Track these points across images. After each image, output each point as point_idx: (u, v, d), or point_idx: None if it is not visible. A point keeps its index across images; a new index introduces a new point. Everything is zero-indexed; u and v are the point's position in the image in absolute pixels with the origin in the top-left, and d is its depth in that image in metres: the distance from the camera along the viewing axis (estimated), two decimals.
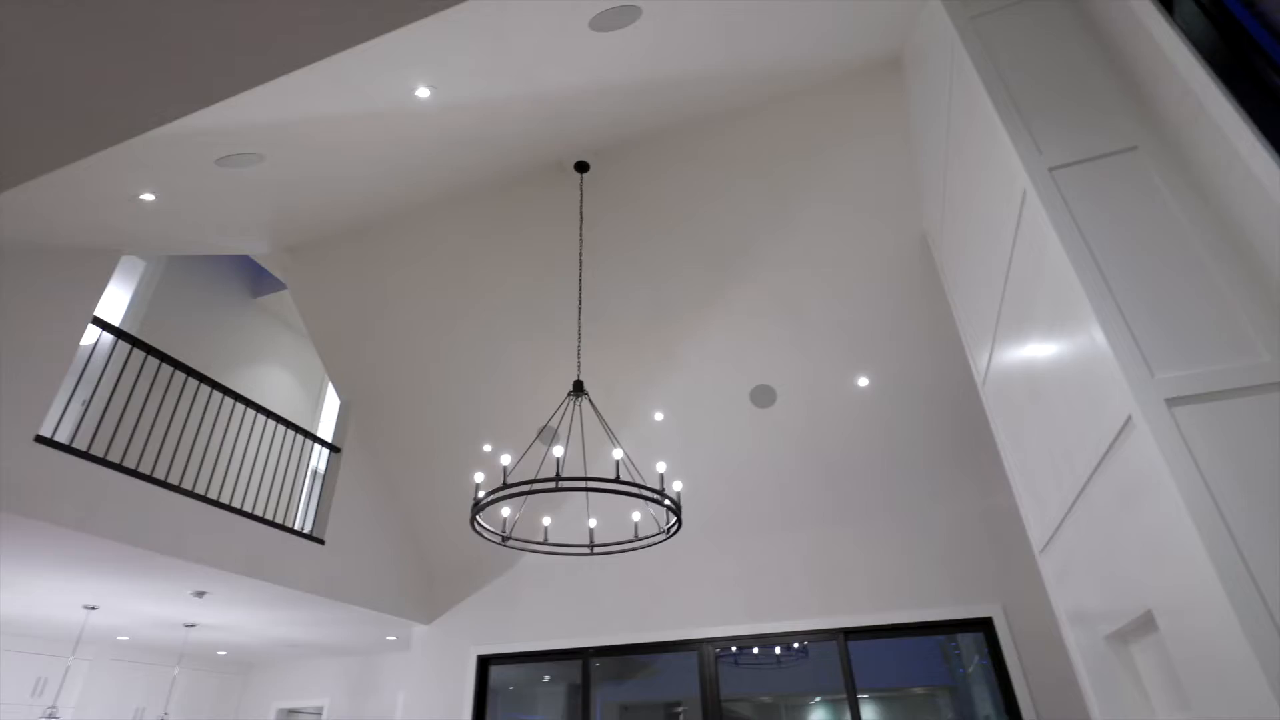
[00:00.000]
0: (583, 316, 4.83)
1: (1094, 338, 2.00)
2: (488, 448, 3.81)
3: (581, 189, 4.48)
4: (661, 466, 3.37)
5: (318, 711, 8.55)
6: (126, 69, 1.10)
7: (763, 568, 5.54)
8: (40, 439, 3.67)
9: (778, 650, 5.73)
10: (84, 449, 4.04)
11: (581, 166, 4.42)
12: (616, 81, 3.43)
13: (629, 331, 5.16)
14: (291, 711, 8.43)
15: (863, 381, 4.91)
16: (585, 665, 5.81)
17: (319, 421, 8.01)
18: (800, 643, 5.41)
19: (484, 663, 6.16)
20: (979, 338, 3.39)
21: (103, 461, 3.93)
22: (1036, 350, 2.56)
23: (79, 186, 3.23)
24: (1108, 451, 2.05)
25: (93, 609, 5.53)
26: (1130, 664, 2.36)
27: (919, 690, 6.61)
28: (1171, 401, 1.78)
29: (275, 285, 7.40)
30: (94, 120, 1.20)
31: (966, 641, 5.56)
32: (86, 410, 4.45)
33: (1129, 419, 1.87)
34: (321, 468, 7.11)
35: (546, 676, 6.58)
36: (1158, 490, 1.79)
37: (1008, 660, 4.63)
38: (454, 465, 5.93)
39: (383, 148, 3.64)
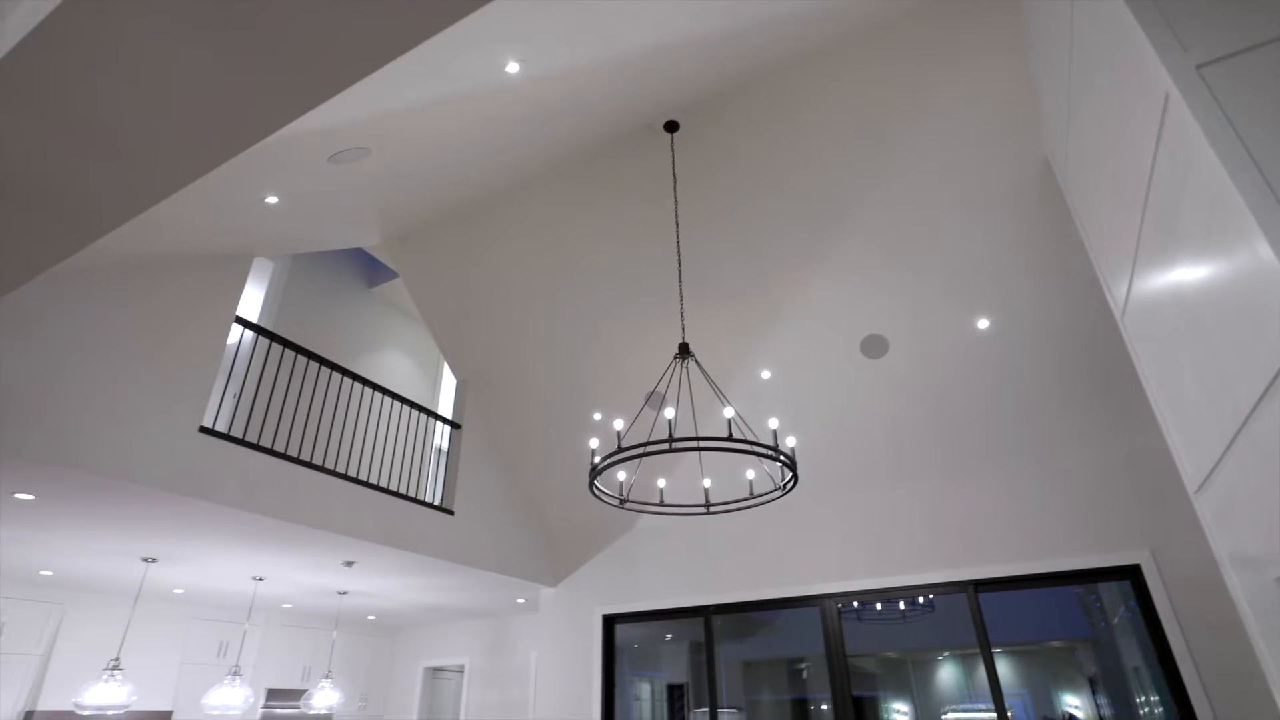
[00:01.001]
0: (683, 278, 4.80)
1: (1257, 252, 1.78)
2: (598, 416, 3.91)
3: (673, 149, 4.42)
4: (774, 423, 3.33)
5: (459, 669, 9.20)
6: (255, 71, 1.18)
7: (883, 520, 5.41)
8: (204, 429, 4.08)
9: (902, 605, 5.61)
10: (240, 436, 4.46)
11: (671, 126, 4.36)
12: (702, 33, 3.34)
13: (730, 291, 5.10)
14: (436, 669, 9.13)
15: (983, 323, 4.63)
16: (707, 623, 5.92)
17: (438, 401, 8.47)
18: (926, 596, 5.27)
19: (609, 622, 6.40)
20: (1116, 265, 3.11)
21: (256, 447, 4.33)
22: (1186, 273, 2.32)
23: (213, 196, 3.53)
24: (1277, 377, 1.84)
25: (260, 580, 6.17)
26: None
27: (1056, 643, 6.29)
28: None
29: (388, 274, 7.83)
30: (231, 124, 1.31)
31: (1110, 591, 5.23)
32: (238, 402, 4.91)
33: None
34: (443, 445, 7.53)
35: (669, 635, 6.77)
36: None
37: (1159, 609, 4.32)
38: (567, 434, 6.12)
39: (477, 129, 3.74)
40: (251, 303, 6.78)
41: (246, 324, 4.54)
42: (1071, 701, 6.12)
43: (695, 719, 5.99)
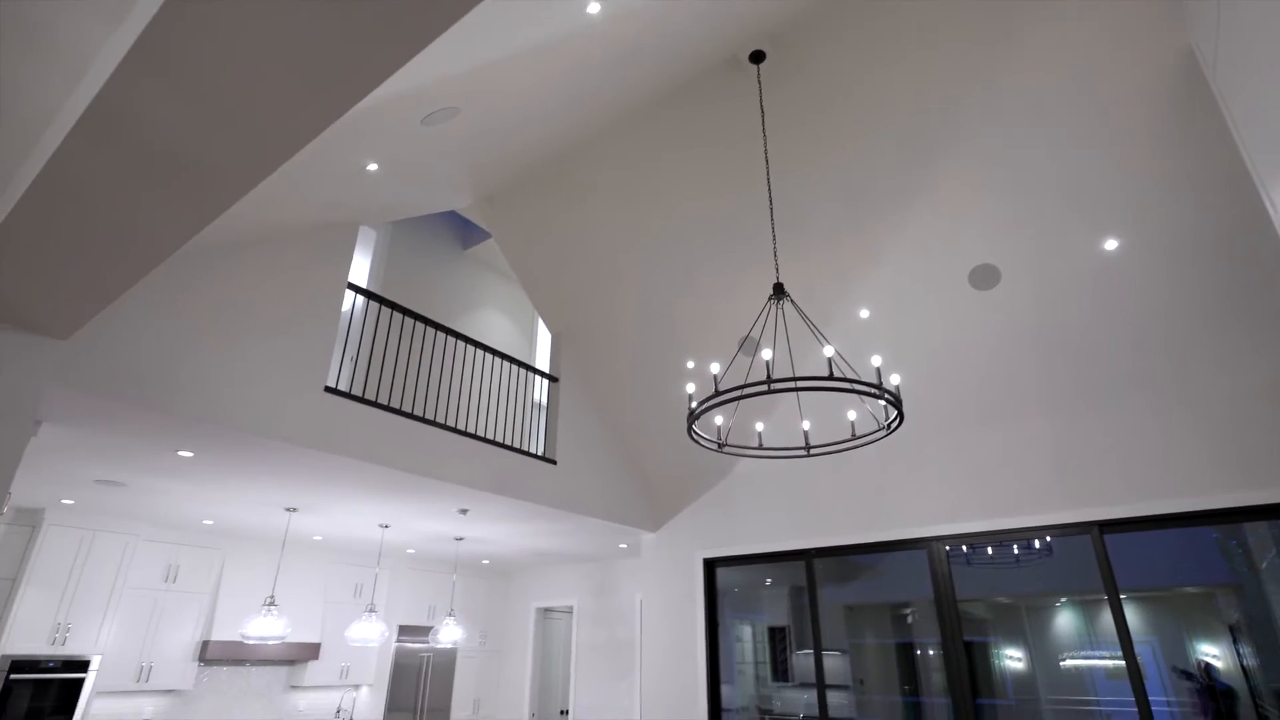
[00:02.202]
0: (775, 219, 4.67)
1: None
2: (691, 364, 3.92)
3: (759, 81, 4.25)
4: (877, 360, 3.23)
5: (568, 610, 9.69)
6: (354, 24, 1.22)
7: (996, 460, 5.18)
8: (328, 389, 4.40)
9: (1016, 549, 5.39)
10: (360, 395, 4.79)
11: (757, 56, 4.18)
12: None
13: (824, 228, 4.91)
14: (547, 610, 9.66)
15: (1109, 244, 4.24)
16: (809, 565, 5.93)
17: (535, 357, 8.75)
18: (1043, 539, 5.04)
19: (710, 565, 6.53)
20: (1278, 167, 2.75)
21: (375, 404, 4.64)
22: None
23: (320, 168, 3.72)
24: None
25: (386, 527, 6.68)
26: None
27: (1192, 589, 5.88)
28: None
29: (481, 235, 8.06)
30: (333, 85, 1.37)
31: (1256, 533, 4.81)
32: (355, 364, 5.25)
33: None
34: (542, 400, 7.80)
35: (769, 580, 6.84)
36: None
37: None
38: (662, 381, 6.18)
39: (559, 78, 3.73)
40: (359, 270, 7.18)
41: (358, 289, 4.81)
42: (1209, 650, 5.74)
43: (797, 660, 6.06)
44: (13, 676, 5.43)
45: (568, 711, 8.81)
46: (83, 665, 5.78)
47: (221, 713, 6.88)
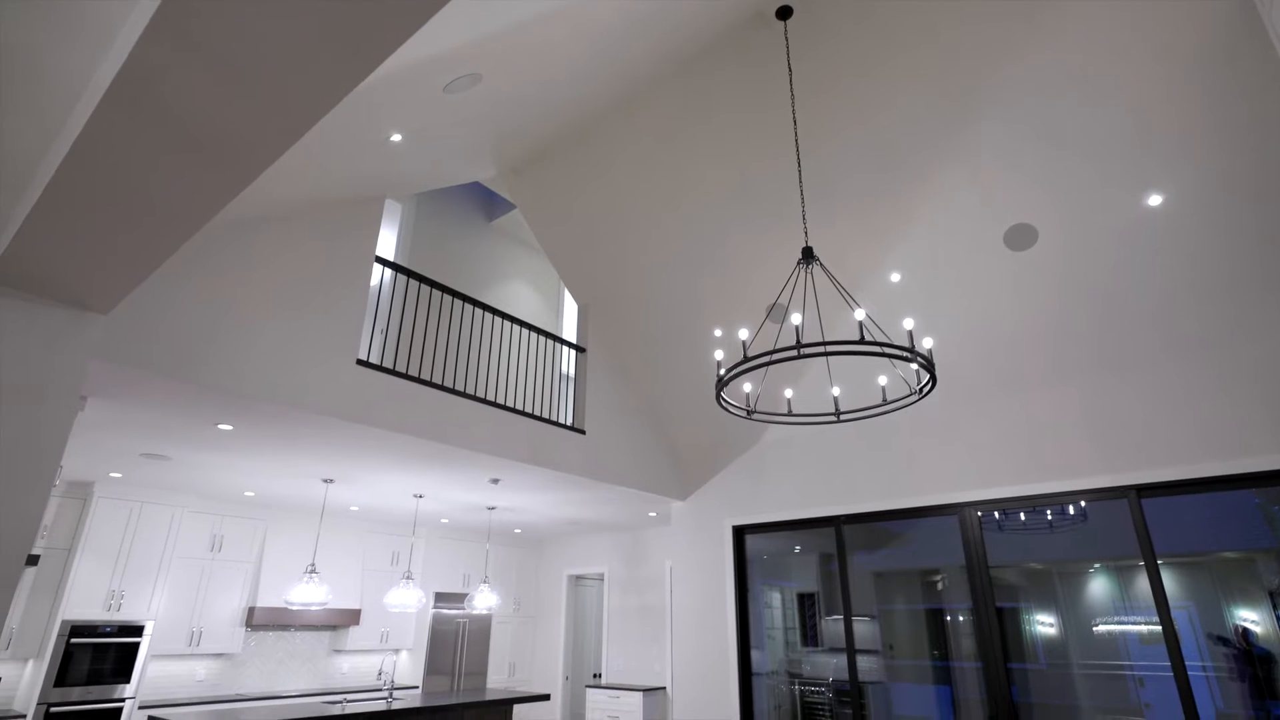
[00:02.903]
0: (804, 183, 4.58)
1: None
2: (718, 332, 3.88)
3: (786, 38, 4.13)
4: (909, 323, 3.17)
5: (599, 577, 9.85)
6: None
7: (1030, 425, 5.09)
8: (360, 362, 4.47)
9: (1049, 514, 5.32)
10: (391, 367, 4.86)
11: (784, 12, 4.06)
12: None
13: (854, 191, 4.81)
14: (579, 577, 9.83)
15: (1153, 200, 4.08)
16: (838, 532, 5.93)
17: (561, 328, 8.78)
18: (1078, 505, 4.97)
19: (739, 533, 6.56)
20: None
21: (406, 376, 4.70)
22: None
23: (344, 139, 3.73)
24: None
25: (420, 497, 6.82)
26: None
27: (1231, 554, 5.76)
28: None
29: (506, 207, 8.06)
30: (350, 49, 1.36)
31: None
32: (385, 337, 5.32)
33: None
34: (569, 371, 7.84)
35: (798, 547, 6.86)
36: None
37: None
38: (690, 350, 6.17)
39: (581, 39, 3.67)
40: (386, 244, 7.23)
41: (386, 262, 4.85)
42: (1246, 616, 5.65)
43: (826, 626, 6.10)
44: (73, 640, 5.70)
45: (600, 674, 9.01)
46: (137, 630, 6.04)
47: (269, 675, 7.16)
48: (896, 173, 4.61)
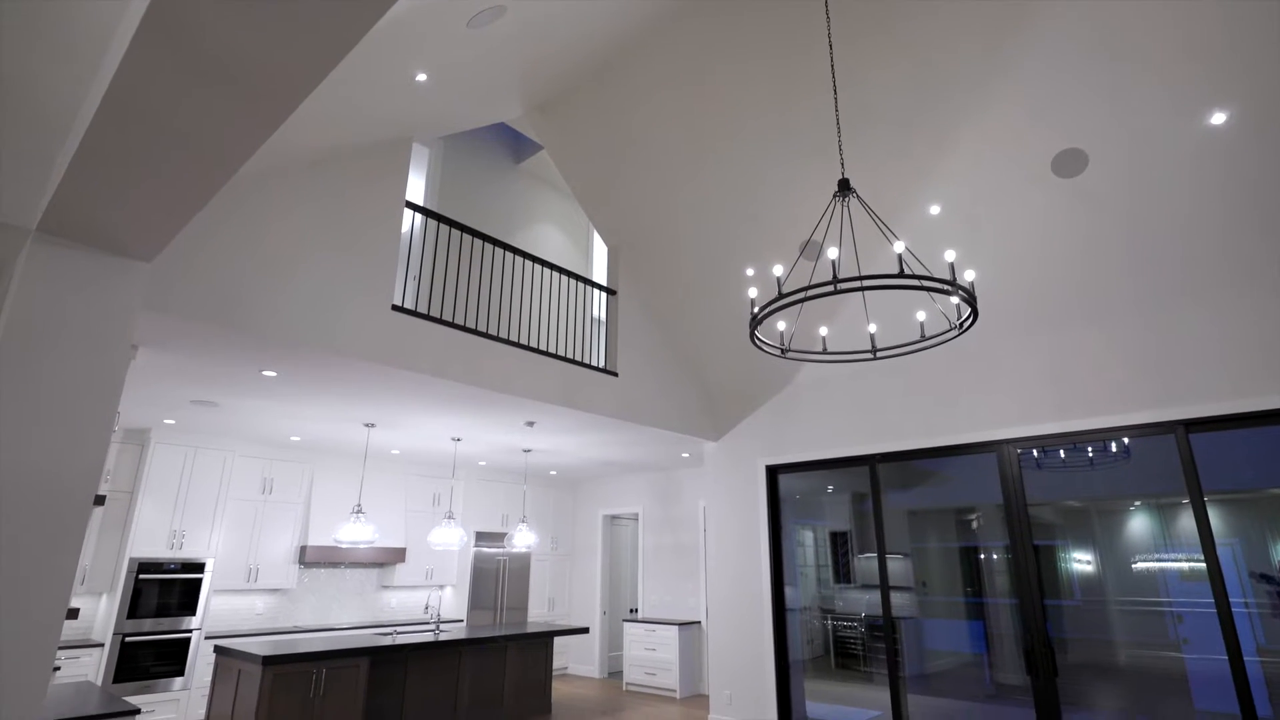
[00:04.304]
0: (839, 108, 4.40)
1: None
2: (750, 271, 3.82)
3: None
4: (950, 255, 3.07)
5: (634, 517, 10.07)
6: None
7: (1074, 359, 4.97)
8: (395, 307, 4.52)
9: (1090, 451, 5.24)
10: (425, 312, 4.90)
11: None
12: None
13: (892, 118, 4.61)
14: (614, 517, 10.06)
15: (1216, 118, 3.83)
16: (873, 470, 5.93)
17: (591, 271, 8.74)
18: (1120, 441, 4.87)
19: (772, 472, 6.61)
20: None
21: (440, 320, 4.75)
22: None
23: (369, 79, 3.67)
24: None
25: (458, 440, 6.98)
26: None
27: (1278, 491, 5.63)
28: None
29: (533, 148, 7.94)
30: None
31: None
32: (419, 283, 5.35)
33: None
34: (600, 314, 7.83)
35: (830, 487, 6.89)
36: None
37: None
38: (722, 290, 6.10)
39: None
40: (415, 189, 7.21)
41: (416, 207, 4.84)
42: None
43: (859, 563, 6.17)
44: (141, 576, 6.05)
45: (637, 609, 9.31)
46: (199, 567, 6.38)
47: (322, 609, 7.55)
48: (937, 96, 4.40)
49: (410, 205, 4.80)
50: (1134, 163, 4.15)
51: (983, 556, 5.55)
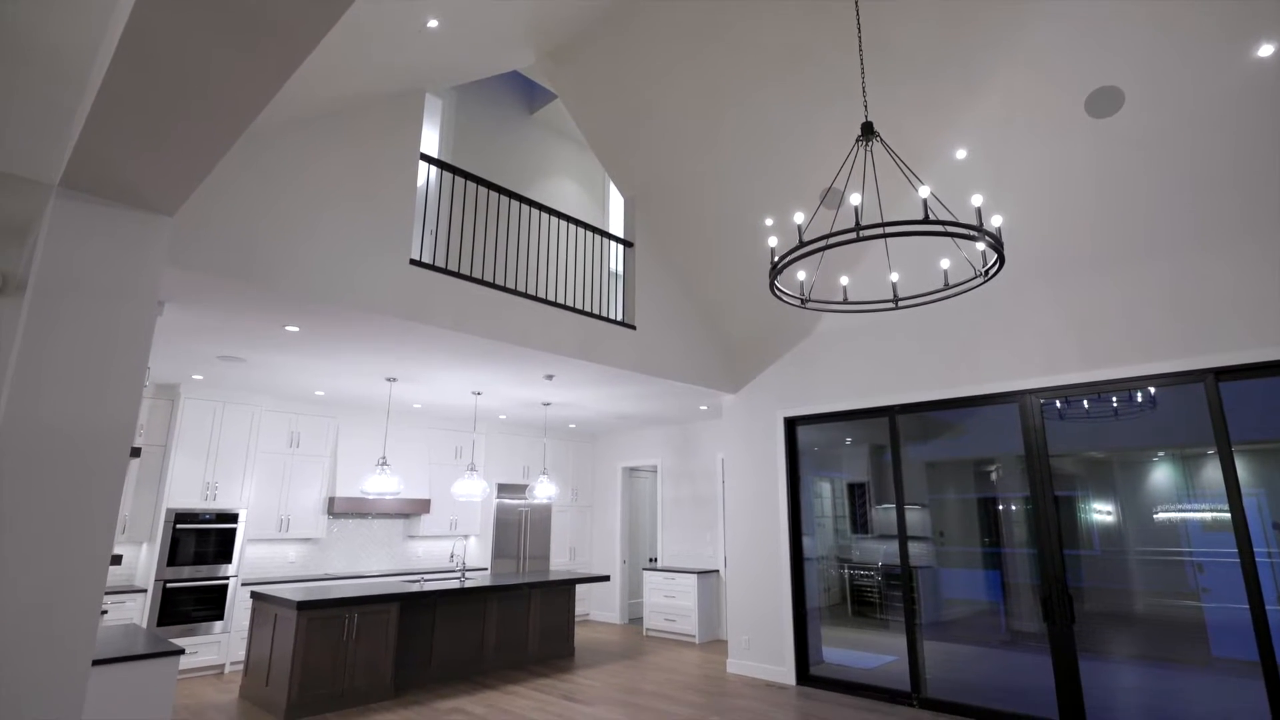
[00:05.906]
0: (863, 48, 4.23)
1: None
2: (769, 221, 3.75)
3: None
4: (978, 199, 2.99)
5: (653, 469, 10.18)
6: None
7: (1101, 307, 4.87)
8: (414, 262, 4.52)
9: (1115, 401, 5.17)
10: (443, 266, 4.90)
11: None
12: None
13: (917, 57, 4.44)
14: (633, 469, 10.18)
15: (1264, 50, 3.64)
16: (892, 422, 5.92)
17: (608, 223, 8.66)
18: (1147, 391, 4.80)
19: (791, 424, 6.63)
20: None
21: (459, 275, 4.75)
22: None
23: (380, 26, 3.60)
24: None
25: (478, 394, 7.05)
26: None
27: None
28: None
29: (546, 97, 7.79)
30: None
31: None
32: (435, 237, 5.34)
33: None
34: (617, 268, 7.79)
35: (848, 439, 6.90)
36: None
37: None
38: (740, 240, 6.03)
39: None
40: (429, 142, 7.13)
41: (430, 159, 4.79)
42: None
43: (876, 514, 6.21)
44: (178, 526, 6.27)
45: (656, 559, 9.50)
46: (233, 517, 6.59)
47: (351, 557, 7.79)
48: (964, 34, 4.22)
49: (425, 157, 4.76)
50: (1173, 100, 3.98)
51: (1001, 507, 5.56)
